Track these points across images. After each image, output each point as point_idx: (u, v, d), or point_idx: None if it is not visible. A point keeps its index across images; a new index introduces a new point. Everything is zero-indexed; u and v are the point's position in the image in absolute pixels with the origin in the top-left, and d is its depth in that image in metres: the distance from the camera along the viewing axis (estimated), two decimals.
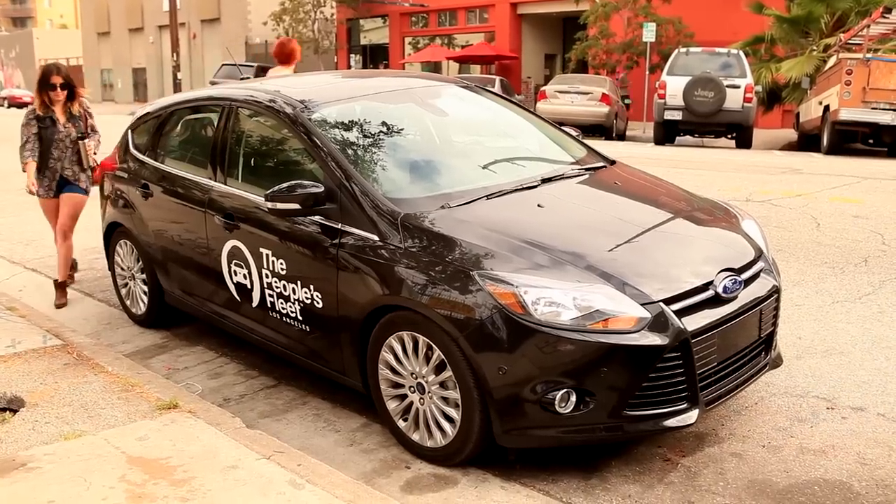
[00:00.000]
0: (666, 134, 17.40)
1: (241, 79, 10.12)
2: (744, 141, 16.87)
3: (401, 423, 3.40)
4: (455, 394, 3.11)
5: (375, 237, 3.36)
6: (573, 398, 2.96)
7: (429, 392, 3.23)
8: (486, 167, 4.02)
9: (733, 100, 16.19)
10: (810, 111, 16.87)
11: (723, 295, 3.18)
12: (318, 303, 3.60)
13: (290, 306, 3.77)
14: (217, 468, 3.07)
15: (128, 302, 5.31)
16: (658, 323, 2.97)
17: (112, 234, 5.34)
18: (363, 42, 37.65)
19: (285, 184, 3.55)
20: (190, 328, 5.11)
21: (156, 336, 5.05)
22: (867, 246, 6.56)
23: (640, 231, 3.43)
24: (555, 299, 2.94)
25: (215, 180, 4.29)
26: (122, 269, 5.29)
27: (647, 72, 22.59)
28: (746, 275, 3.37)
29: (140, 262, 5.04)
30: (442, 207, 3.43)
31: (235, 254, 4.07)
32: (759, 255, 3.58)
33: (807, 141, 17.20)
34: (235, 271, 4.10)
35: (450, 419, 3.18)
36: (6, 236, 7.87)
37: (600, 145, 5.31)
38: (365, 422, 3.73)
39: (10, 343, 4.53)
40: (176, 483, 2.96)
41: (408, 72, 7.71)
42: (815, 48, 19.65)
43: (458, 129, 4.62)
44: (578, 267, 3.07)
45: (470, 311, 2.99)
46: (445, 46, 34.01)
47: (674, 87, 16.50)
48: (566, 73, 25.41)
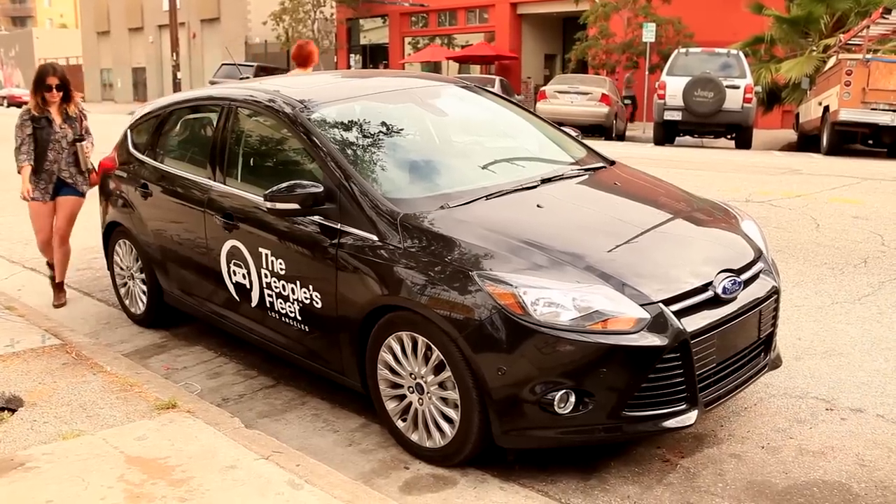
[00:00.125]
0: (665, 134, 17.41)
1: (241, 78, 10.13)
2: (743, 141, 16.87)
3: (400, 424, 3.39)
4: (454, 394, 3.11)
5: (375, 237, 3.36)
6: (572, 399, 2.96)
7: (428, 392, 3.23)
8: (486, 167, 4.02)
9: (733, 100, 16.20)
10: (810, 112, 16.88)
11: (722, 296, 3.18)
12: (318, 303, 3.60)
13: (290, 306, 3.76)
14: (215, 468, 3.07)
15: (127, 301, 5.31)
16: (657, 323, 2.97)
17: (111, 234, 5.34)
18: (363, 42, 37.63)
19: (284, 184, 3.55)
20: (189, 328, 5.10)
21: (155, 336, 5.04)
22: (867, 247, 6.56)
23: (640, 232, 3.43)
24: (554, 300, 2.94)
25: (215, 180, 4.29)
26: (122, 269, 5.29)
27: (647, 72, 22.61)
28: (746, 275, 3.37)
29: (139, 262, 5.04)
30: (441, 208, 3.42)
31: (235, 253, 4.07)
32: (759, 256, 3.58)
33: (806, 141, 17.20)
34: (234, 271, 4.10)
35: (449, 419, 3.18)
36: (5, 235, 7.87)
37: (600, 146, 5.30)
38: (364, 422, 3.73)
39: (9, 342, 4.53)
40: (174, 483, 2.96)
41: (407, 72, 7.72)
42: (815, 49, 19.65)
43: (458, 130, 4.62)
44: (578, 267, 3.07)
45: (469, 312, 2.99)
46: (445, 46, 34.00)
47: (673, 88, 16.50)
48: (566, 74, 25.39)
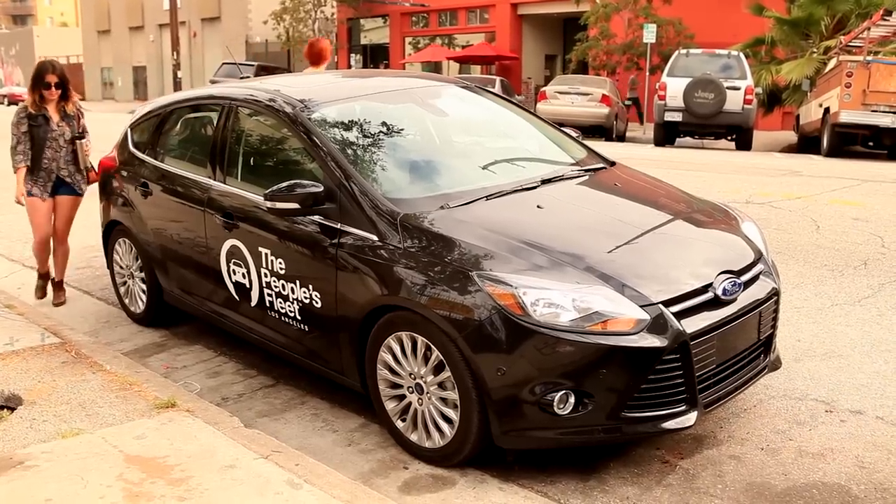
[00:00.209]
0: (666, 135, 17.41)
1: (241, 78, 10.13)
2: (744, 143, 16.88)
3: (399, 424, 3.39)
4: (453, 394, 3.11)
5: (374, 237, 3.36)
6: (572, 399, 2.96)
7: (427, 392, 3.23)
8: (486, 168, 4.02)
9: (733, 101, 16.21)
10: (810, 113, 16.88)
11: (722, 297, 3.17)
12: (317, 302, 3.59)
13: (289, 306, 3.76)
14: (215, 467, 3.07)
15: (126, 300, 5.31)
16: (657, 325, 2.97)
17: (111, 233, 5.34)
18: (363, 42, 37.63)
19: (284, 183, 3.55)
20: (188, 327, 5.10)
21: (154, 335, 5.04)
22: (867, 249, 6.56)
23: (640, 233, 3.43)
24: (554, 300, 2.94)
25: (215, 179, 4.29)
26: (121, 268, 5.29)
27: (648, 73, 22.62)
28: (746, 277, 3.36)
29: (139, 261, 5.04)
30: (441, 208, 3.42)
31: (234, 253, 4.06)
32: (759, 258, 3.58)
33: (807, 143, 17.19)
34: (234, 270, 4.10)
35: (448, 420, 3.18)
36: (5, 234, 7.87)
37: (600, 146, 5.30)
38: (363, 422, 3.73)
39: (9, 341, 4.53)
40: (173, 482, 2.96)
41: (408, 72, 7.71)
42: (816, 50, 19.63)
43: (458, 130, 4.62)
44: (578, 268, 3.07)
45: (469, 312, 2.99)
46: (446, 46, 33.99)
47: (674, 89, 16.51)
48: (566, 74, 25.40)
